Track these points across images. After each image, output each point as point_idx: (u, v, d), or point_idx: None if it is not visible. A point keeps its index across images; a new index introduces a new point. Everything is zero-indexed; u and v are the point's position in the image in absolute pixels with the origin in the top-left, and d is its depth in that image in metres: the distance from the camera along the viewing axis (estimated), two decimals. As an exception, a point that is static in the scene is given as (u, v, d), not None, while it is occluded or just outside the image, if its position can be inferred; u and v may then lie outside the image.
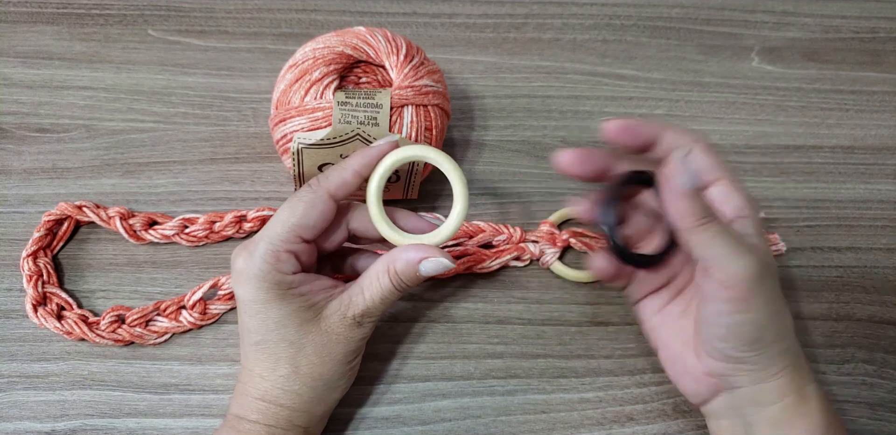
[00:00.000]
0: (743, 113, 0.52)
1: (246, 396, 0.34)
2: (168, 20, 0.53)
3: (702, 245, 0.30)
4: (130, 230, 0.42)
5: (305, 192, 0.34)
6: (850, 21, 0.58)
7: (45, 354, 0.40)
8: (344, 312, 0.34)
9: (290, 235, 0.33)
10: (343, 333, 0.34)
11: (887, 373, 0.42)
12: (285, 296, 0.33)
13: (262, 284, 0.33)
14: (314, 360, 0.34)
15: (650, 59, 0.54)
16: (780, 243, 0.45)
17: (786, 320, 0.32)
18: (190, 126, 0.48)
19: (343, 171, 0.34)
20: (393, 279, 0.34)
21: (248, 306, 0.33)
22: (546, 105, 0.51)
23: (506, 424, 0.39)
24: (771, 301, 0.31)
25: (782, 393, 0.32)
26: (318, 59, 0.40)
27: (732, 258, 0.30)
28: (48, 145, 0.47)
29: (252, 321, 0.33)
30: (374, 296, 0.34)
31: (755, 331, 0.31)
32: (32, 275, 0.40)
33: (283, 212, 0.34)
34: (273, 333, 0.33)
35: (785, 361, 0.32)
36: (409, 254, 0.34)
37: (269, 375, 0.34)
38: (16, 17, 0.52)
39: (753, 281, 0.30)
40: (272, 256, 0.33)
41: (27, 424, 0.38)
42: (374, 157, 0.34)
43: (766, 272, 0.31)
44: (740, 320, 0.31)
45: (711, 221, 0.30)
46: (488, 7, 0.56)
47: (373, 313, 0.35)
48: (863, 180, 0.49)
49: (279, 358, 0.34)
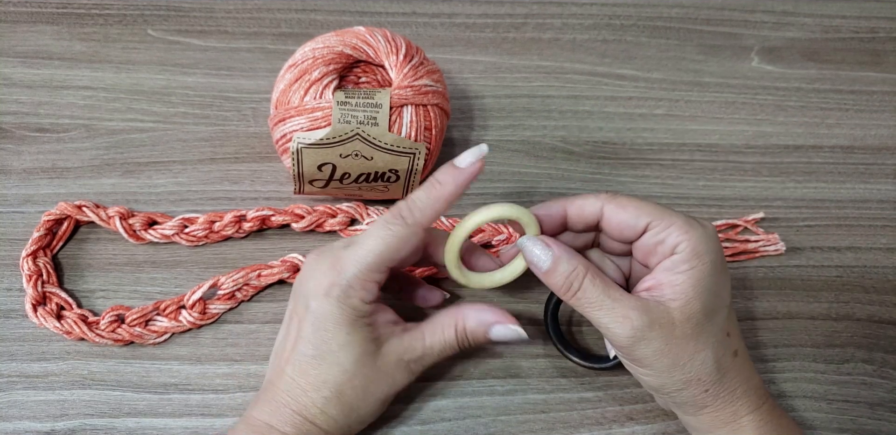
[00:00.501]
0: (743, 113, 0.52)
1: (282, 406, 0.33)
2: (168, 20, 0.53)
3: (582, 312, 0.33)
4: (130, 230, 0.42)
5: (398, 226, 0.33)
6: (849, 21, 0.58)
7: (45, 354, 0.40)
8: (401, 354, 0.34)
9: (379, 266, 0.33)
10: (393, 374, 0.34)
11: (887, 373, 0.42)
12: (356, 323, 0.33)
13: (341, 306, 0.33)
14: (359, 392, 0.34)
15: (650, 59, 0.54)
16: (780, 243, 0.45)
17: (698, 368, 0.32)
18: (190, 126, 0.48)
19: (436, 203, 0.33)
20: (459, 335, 0.35)
21: (318, 320, 0.33)
22: (546, 105, 0.51)
23: (505, 424, 0.39)
24: (663, 355, 0.31)
25: (711, 426, 0.33)
26: (318, 59, 0.40)
27: (606, 324, 0.32)
28: (48, 145, 0.47)
29: (316, 335, 0.33)
30: (435, 345, 0.35)
31: (653, 381, 0.33)
32: (32, 274, 0.40)
33: (376, 241, 0.33)
34: (331, 355, 0.33)
35: (701, 403, 0.33)
36: (484, 315, 0.35)
37: (313, 394, 0.33)
38: (16, 16, 0.52)
39: (631, 344, 0.31)
40: (359, 283, 0.33)
41: (27, 423, 0.38)
42: (466, 183, 0.34)
43: (645, 334, 0.31)
44: (637, 372, 0.33)
45: (574, 292, 0.32)
46: (488, 7, 0.56)
47: (426, 361, 0.35)
48: (862, 180, 0.49)
49: (327, 380, 0.33)
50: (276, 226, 0.44)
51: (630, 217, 0.33)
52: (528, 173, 0.48)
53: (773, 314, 0.43)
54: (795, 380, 0.41)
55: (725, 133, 0.51)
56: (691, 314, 0.32)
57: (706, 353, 0.32)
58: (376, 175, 0.40)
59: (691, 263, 0.32)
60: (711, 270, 0.32)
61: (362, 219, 0.44)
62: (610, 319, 0.31)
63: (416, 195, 0.34)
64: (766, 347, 0.42)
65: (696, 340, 0.32)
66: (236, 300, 0.41)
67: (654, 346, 0.31)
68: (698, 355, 0.32)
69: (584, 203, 0.34)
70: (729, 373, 0.33)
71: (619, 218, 0.33)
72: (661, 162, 0.49)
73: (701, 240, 0.32)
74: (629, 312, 0.31)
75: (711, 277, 0.32)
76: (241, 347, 0.40)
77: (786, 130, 0.51)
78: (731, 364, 0.33)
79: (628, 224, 0.33)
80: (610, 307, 0.31)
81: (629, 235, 0.34)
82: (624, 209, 0.33)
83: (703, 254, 0.32)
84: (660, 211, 0.33)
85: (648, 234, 0.33)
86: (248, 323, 0.41)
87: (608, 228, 0.34)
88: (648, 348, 0.31)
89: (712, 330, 0.32)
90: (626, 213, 0.33)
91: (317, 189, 0.42)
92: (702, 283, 0.32)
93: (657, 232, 0.33)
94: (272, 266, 0.41)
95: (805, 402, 0.40)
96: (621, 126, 0.50)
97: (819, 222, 0.47)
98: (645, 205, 0.33)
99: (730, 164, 0.49)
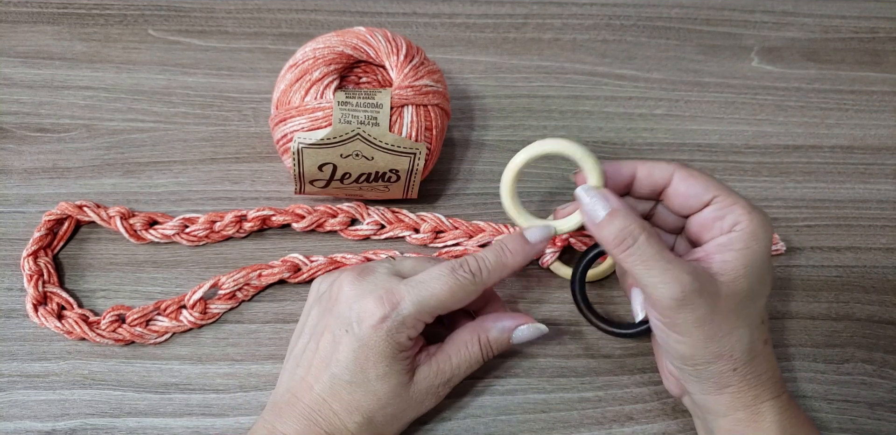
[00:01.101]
0: (743, 113, 0.52)
1: (312, 425, 0.33)
2: (168, 20, 0.53)
3: (630, 270, 0.32)
4: (131, 230, 0.42)
5: (467, 279, 0.33)
6: (849, 21, 0.58)
7: (46, 354, 0.40)
8: (432, 380, 0.34)
9: (435, 311, 0.33)
10: (423, 402, 0.35)
11: (887, 373, 0.42)
12: (396, 356, 0.33)
13: (388, 340, 0.33)
14: (389, 419, 0.34)
15: (650, 59, 0.54)
16: (780, 243, 0.45)
17: (733, 344, 0.32)
18: (190, 126, 0.48)
19: (503, 269, 0.34)
20: (483, 348, 0.35)
21: (361, 349, 0.33)
22: (546, 105, 0.51)
23: (505, 424, 0.39)
24: (704, 323, 0.31)
25: (730, 407, 0.33)
26: (319, 59, 0.40)
27: (655, 283, 0.31)
28: (49, 145, 0.47)
29: (355, 363, 0.33)
30: (462, 365, 0.35)
31: (685, 349, 0.32)
32: (33, 274, 0.40)
33: (442, 288, 0.33)
34: (368, 384, 0.33)
35: (724, 381, 0.32)
36: (503, 323, 0.35)
37: (345, 417, 0.33)
38: (16, 17, 0.52)
39: (677, 306, 0.31)
40: (412, 323, 0.33)
41: (28, 423, 0.38)
42: (531, 257, 0.35)
43: (691, 300, 0.30)
44: (671, 338, 0.32)
45: (627, 247, 0.31)
46: (488, 7, 0.56)
47: (454, 383, 0.35)
48: (862, 180, 0.49)
49: (360, 406, 0.33)
50: (276, 226, 0.44)
51: (699, 187, 0.33)
52: (529, 173, 0.48)
53: (773, 314, 0.43)
54: (795, 380, 0.41)
55: (725, 133, 0.51)
56: (736, 291, 0.31)
57: (743, 331, 0.32)
58: (377, 175, 0.40)
59: (747, 242, 0.32)
60: (763, 255, 0.32)
61: (363, 219, 0.44)
62: (661, 279, 0.30)
63: (485, 255, 0.35)
64: (766, 347, 0.42)
65: (736, 317, 0.32)
66: (237, 300, 0.41)
67: (699, 313, 0.31)
68: (736, 332, 0.32)
69: (655, 166, 0.34)
70: (758, 357, 0.33)
71: (687, 186, 0.33)
72: (662, 162, 0.49)
73: (761, 224, 0.32)
74: (682, 274, 0.30)
75: (762, 262, 0.32)
76: (241, 347, 0.40)
77: (786, 130, 0.51)
78: (762, 350, 0.33)
79: (696, 193, 0.33)
80: (663, 267, 0.31)
81: (693, 204, 0.33)
82: (695, 179, 0.33)
83: (761, 238, 0.32)
84: (727, 189, 0.33)
85: (711, 207, 0.33)
86: (248, 323, 0.41)
87: (673, 196, 0.34)
88: (693, 314, 0.31)
89: (752, 312, 0.32)
90: (695, 182, 0.33)
91: (317, 189, 0.42)
92: (753, 264, 0.32)
93: (720, 207, 0.32)
94: (273, 266, 0.41)
95: (805, 402, 0.40)
96: (621, 126, 0.51)
97: (819, 222, 0.47)
98: (713, 180, 0.33)
99: (730, 164, 0.49)
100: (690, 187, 0.33)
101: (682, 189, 0.33)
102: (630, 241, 0.31)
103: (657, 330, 0.33)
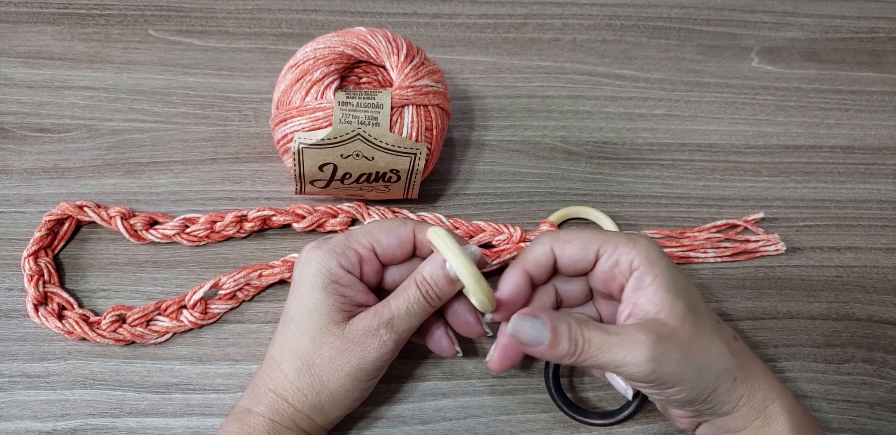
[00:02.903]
0: (743, 113, 0.52)
1: (259, 387, 0.34)
2: (169, 20, 0.53)
3: (593, 365, 0.31)
4: (131, 230, 0.42)
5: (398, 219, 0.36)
6: (849, 21, 0.58)
7: (47, 354, 0.40)
8: (369, 322, 0.34)
9: (364, 239, 0.35)
10: (360, 344, 0.34)
11: (887, 373, 0.42)
12: (328, 287, 0.34)
13: (317, 267, 0.34)
14: (327, 364, 0.34)
15: (650, 59, 0.54)
16: (780, 243, 0.45)
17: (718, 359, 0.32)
18: (191, 126, 0.48)
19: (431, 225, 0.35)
20: (421, 286, 0.34)
21: (296, 287, 0.35)
22: (546, 105, 0.51)
23: (506, 424, 0.39)
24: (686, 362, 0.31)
25: (746, 419, 0.33)
26: (319, 60, 0.40)
27: (623, 359, 0.30)
28: (49, 145, 0.47)
29: (293, 302, 0.35)
30: (400, 305, 0.34)
31: (689, 394, 0.32)
32: (33, 274, 0.40)
33: (371, 223, 0.36)
34: (303, 321, 0.34)
35: (736, 394, 0.32)
36: (434, 258, 0.34)
37: (286, 366, 0.34)
38: (17, 17, 0.52)
39: (656, 370, 0.30)
40: (340, 247, 0.35)
41: (28, 423, 0.38)
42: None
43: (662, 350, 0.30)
44: (670, 393, 0.32)
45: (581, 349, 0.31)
46: (488, 7, 0.56)
47: (396, 326, 0.34)
48: (862, 180, 0.49)
49: (298, 349, 0.34)
50: (277, 226, 0.44)
51: (578, 250, 0.34)
52: (528, 173, 0.48)
53: (773, 314, 0.43)
54: (795, 380, 0.41)
55: (725, 133, 0.51)
56: (682, 316, 0.32)
57: (716, 343, 0.32)
58: (377, 175, 0.41)
59: (653, 271, 0.32)
60: (672, 271, 0.33)
61: (363, 219, 0.44)
62: (624, 353, 0.30)
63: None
64: (766, 347, 0.42)
65: (700, 336, 0.32)
66: (237, 300, 0.41)
67: (675, 357, 0.31)
68: (711, 348, 0.32)
69: (535, 255, 0.34)
70: (741, 355, 0.33)
71: (568, 253, 0.34)
72: (661, 162, 0.49)
73: (649, 249, 0.33)
74: (636, 337, 0.31)
75: (676, 277, 0.33)
76: (242, 347, 0.40)
77: (786, 130, 0.51)
78: (738, 347, 0.33)
79: (580, 256, 0.34)
80: (618, 343, 0.31)
81: (583, 265, 0.34)
82: (570, 243, 0.34)
83: (657, 259, 0.33)
84: (601, 236, 0.34)
85: (602, 259, 0.34)
86: (249, 323, 0.41)
87: (563, 265, 0.35)
88: (671, 362, 0.31)
89: (706, 323, 0.33)
90: (573, 247, 0.34)
91: (318, 189, 0.42)
92: (672, 285, 0.32)
93: (609, 255, 0.33)
94: (273, 266, 0.41)
95: (805, 402, 0.40)
96: (621, 126, 0.51)
97: (819, 222, 0.47)
98: (586, 234, 0.34)
99: (730, 164, 0.49)
100: (573, 252, 0.34)
101: (567, 256, 0.34)
102: (580, 341, 0.31)
103: (655, 398, 0.33)
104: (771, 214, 0.47)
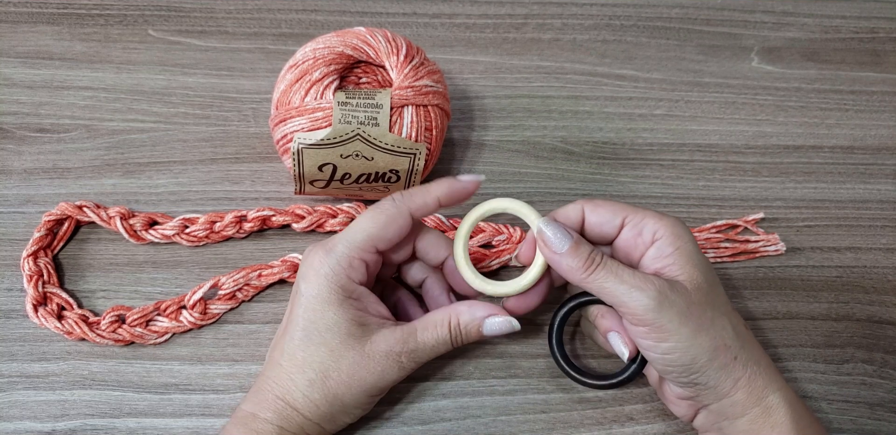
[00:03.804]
0: (743, 113, 0.52)
1: (266, 393, 0.34)
2: (168, 20, 0.53)
3: (599, 291, 0.33)
4: (131, 230, 0.42)
5: (388, 206, 0.34)
6: (849, 21, 0.58)
7: (46, 354, 0.40)
8: (392, 346, 0.34)
9: (367, 244, 0.34)
10: (382, 365, 0.34)
11: (887, 373, 0.42)
12: (344, 302, 0.33)
13: (329, 284, 0.33)
14: (344, 378, 0.33)
15: (650, 59, 0.54)
16: (780, 243, 0.45)
17: (721, 333, 0.32)
18: (190, 126, 0.48)
19: (426, 195, 0.35)
20: (453, 331, 0.35)
21: (307, 301, 0.34)
22: (546, 105, 0.51)
23: (506, 424, 0.39)
24: (687, 317, 0.32)
25: (745, 406, 0.33)
26: (319, 60, 0.40)
27: (628, 296, 0.32)
28: (48, 145, 0.47)
29: (305, 316, 0.34)
30: (428, 341, 0.34)
31: (683, 355, 0.32)
32: (33, 275, 0.40)
33: (365, 221, 0.34)
34: (318, 335, 0.33)
35: (734, 374, 0.32)
36: (476, 310, 0.35)
37: (297, 376, 0.33)
38: (16, 17, 0.52)
39: (658, 306, 0.31)
40: (347, 260, 0.34)
41: (27, 423, 0.38)
42: (459, 192, 0.35)
43: (668, 296, 0.31)
44: (664, 349, 0.32)
45: (595, 267, 0.33)
46: (488, 7, 0.56)
47: (418, 357, 0.34)
48: (862, 180, 0.49)
49: (313, 361, 0.33)
50: (276, 226, 0.44)
51: (607, 214, 0.35)
52: (528, 173, 0.48)
53: (773, 314, 0.43)
54: (795, 380, 0.41)
55: (725, 133, 0.51)
56: (698, 284, 0.33)
57: (723, 319, 0.33)
58: (377, 175, 0.40)
59: (675, 243, 0.33)
60: (695, 247, 0.34)
61: (363, 219, 0.44)
62: (634, 286, 0.32)
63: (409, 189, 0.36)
64: (765, 347, 0.42)
65: (711, 307, 0.33)
66: (237, 300, 0.41)
67: (679, 307, 0.32)
68: (717, 321, 0.33)
69: (566, 211, 0.35)
70: (749, 342, 0.33)
71: (597, 215, 0.35)
72: (661, 162, 0.49)
73: (675, 224, 0.34)
74: (649, 278, 0.32)
75: (698, 254, 0.34)
76: (241, 348, 0.40)
77: (786, 130, 0.51)
78: (748, 335, 0.34)
79: (607, 219, 0.35)
80: (630, 277, 0.32)
81: (609, 230, 0.35)
82: (602, 207, 0.35)
83: (683, 235, 0.34)
84: (631, 207, 0.35)
85: (626, 228, 0.35)
86: (248, 323, 0.41)
87: (589, 229, 0.35)
88: (674, 309, 0.31)
89: (720, 300, 0.34)
90: (603, 211, 0.35)
91: (317, 189, 0.42)
92: (694, 257, 0.33)
93: (634, 224, 0.34)
94: (273, 266, 0.41)
95: (805, 402, 0.40)
96: (621, 126, 0.51)
97: (819, 222, 0.47)
98: (617, 203, 0.35)
99: (730, 165, 0.49)
100: (601, 216, 0.35)
101: (594, 219, 0.35)
102: (598, 260, 0.33)
103: (648, 351, 0.33)
104: (771, 215, 0.47)
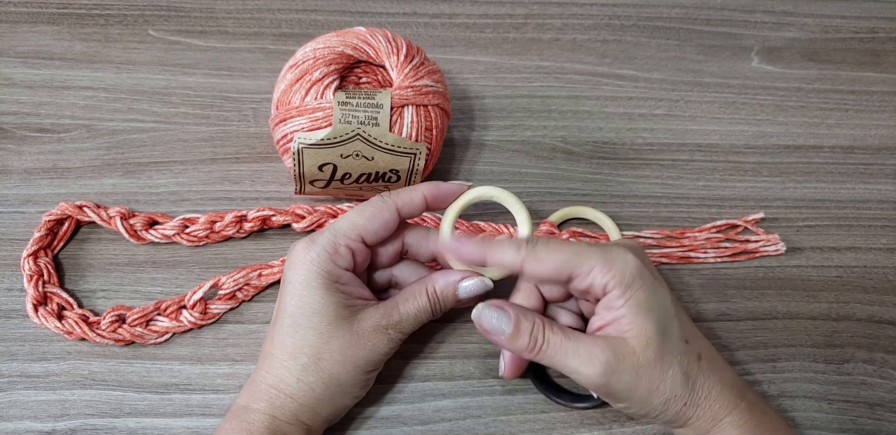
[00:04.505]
0: (743, 113, 0.52)
1: (258, 384, 0.34)
2: (168, 20, 0.53)
3: (550, 365, 0.33)
4: (131, 230, 0.42)
5: (376, 201, 0.36)
6: (849, 21, 0.58)
7: (46, 354, 0.40)
8: (378, 321, 0.35)
9: (352, 233, 0.35)
10: (371, 340, 0.35)
11: (887, 373, 0.42)
12: (330, 287, 0.34)
13: (314, 269, 0.34)
14: (337, 357, 0.34)
15: (650, 59, 0.54)
16: (780, 243, 0.45)
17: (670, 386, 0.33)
18: (190, 126, 0.48)
19: (412, 192, 0.36)
20: (431, 298, 0.36)
21: (294, 288, 0.34)
22: (546, 105, 0.51)
23: (506, 424, 0.39)
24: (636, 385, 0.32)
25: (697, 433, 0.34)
26: (319, 60, 0.40)
27: (577, 367, 0.32)
28: (49, 145, 0.47)
29: (292, 302, 0.34)
30: (410, 311, 0.36)
31: (636, 411, 0.33)
32: (33, 275, 0.40)
33: (352, 213, 0.36)
34: (307, 319, 0.34)
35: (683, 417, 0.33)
36: (450, 276, 0.36)
37: (289, 363, 0.34)
38: (16, 17, 0.52)
39: (605, 381, 0.32)
40: (331, 246, 0.35)
41: (28, 423, 0.38)
42: (445, 193, 0.36)
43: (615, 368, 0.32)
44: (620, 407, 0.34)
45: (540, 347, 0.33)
46: (488, 7, 0.56)
47: (404, 328, 0.36)
48: (862, 180, 0.49)
49: (304, 345, 0.34)
50: (276, 226, 0.44)
51: (551, 270, 0.33)
52: (528, 173, 0.48)
53: (773, 314, 0.43)
54: (795, 380, 0.41)
55: (725, 133, 0.51)
56: (648, 339, 0.32)
57: (674, 369, 0.33)
58: (377, 175, 0.40)
59: (625, 295, 0.32)
60: (646, 292, 0.33)
61: (363, 219, 0.44)
62: (579, 362, 0.32)
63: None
64: (766, 347, 0.42)
65: (661, 362, 0.32)
66: (237, 300, 0.41)
67: (626, 378, 0.32)
68: (667, 375, 0.33)
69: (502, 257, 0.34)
70: (698, 379, 0.33)
71: (540, 271, 0.33)
72: (661, 162, 0.49)
73: (625, 269, 0.32)
74: (594, 350, 0.32)
75: (649, 298, 0.33)
76: (241, 347, 0.40)
77: (786, 130, 0.51)
78: (698, 370, 0.33)
79: (552, 276, 0.33)
80: (575, 351, 0.32)
81: (557, 292, 0.36)
82: (543, 263, 0.33)
83: (633, 281, 0.32)
84: (576, 256, 0.33)
85: (575, 281, 0.33)
86: (248, 323, 0.41)
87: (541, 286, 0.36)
88: (621, 382, 0.32)
89: (672, 346, 0.33)
90: (545, 267, 0.33)
91: (318, 189, 0.42)
92: (643, 307, 0.32)
93: (581, 280, 0.33)
94: (273, 266, 0.41)
95: (805, 402, 0.40)
96: (621, 126, 0.51)
97: (819, 222, 0.47)
98: (561, 251, 0.33)
99: (730, 164, 0.49)
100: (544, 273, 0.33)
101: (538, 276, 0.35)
102: (539, 340, 0.33)
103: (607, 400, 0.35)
104: (771, 214, 0.47)
